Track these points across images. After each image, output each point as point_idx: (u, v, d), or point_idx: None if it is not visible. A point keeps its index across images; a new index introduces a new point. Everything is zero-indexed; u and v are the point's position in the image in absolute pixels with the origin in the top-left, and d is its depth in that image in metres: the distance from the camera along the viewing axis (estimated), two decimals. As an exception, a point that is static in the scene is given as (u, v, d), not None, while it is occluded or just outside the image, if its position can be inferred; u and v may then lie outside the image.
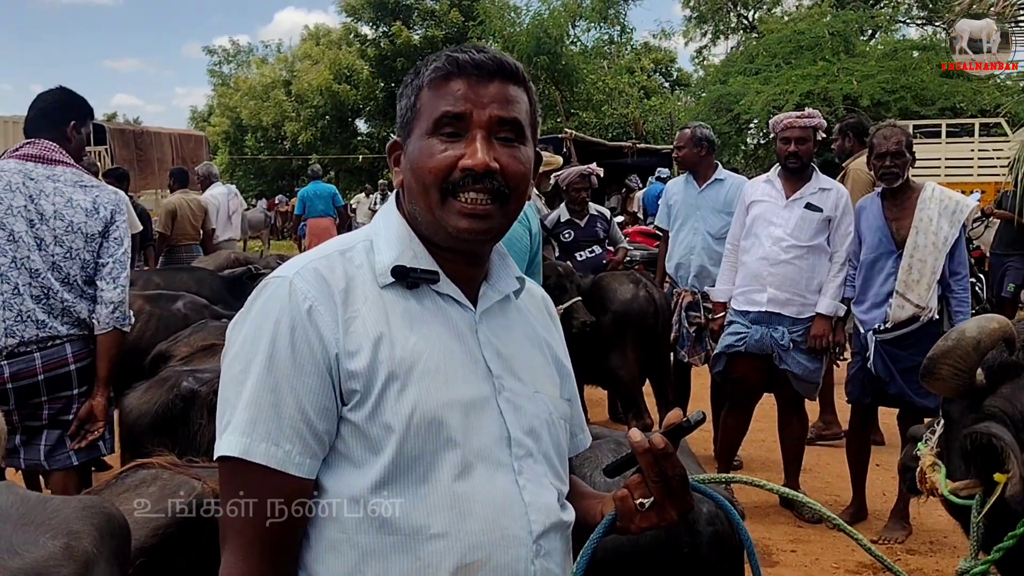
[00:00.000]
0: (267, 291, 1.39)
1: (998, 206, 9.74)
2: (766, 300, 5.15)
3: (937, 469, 2.19)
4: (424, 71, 1.45)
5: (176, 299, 5.57)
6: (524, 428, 1.44)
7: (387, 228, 1.48)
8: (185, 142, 20.08)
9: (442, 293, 1.45)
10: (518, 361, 1.50)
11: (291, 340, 1.33)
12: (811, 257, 5.11)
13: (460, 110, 1.39)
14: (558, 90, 24.40)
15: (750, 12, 31.36)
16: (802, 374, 5.18)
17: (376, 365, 1.34)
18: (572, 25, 26.06)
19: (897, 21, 27.80)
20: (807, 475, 5.83)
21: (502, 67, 1.42)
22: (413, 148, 1.43)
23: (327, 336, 1.34)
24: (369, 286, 1.41)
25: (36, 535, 1.73)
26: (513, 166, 1.41)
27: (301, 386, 1.32)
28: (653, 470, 1.42)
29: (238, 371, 1.35)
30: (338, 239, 1.51)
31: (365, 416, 1.34)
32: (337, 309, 1.36)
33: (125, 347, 3.85)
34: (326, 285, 1.37)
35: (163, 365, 4.22)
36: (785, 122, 5.19)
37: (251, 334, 1.36)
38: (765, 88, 20.36)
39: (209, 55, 41.30)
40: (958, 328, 2.03)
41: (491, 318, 1.50)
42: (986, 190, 12.14)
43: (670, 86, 32.78)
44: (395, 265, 1.42)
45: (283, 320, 1.34)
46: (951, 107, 19.15)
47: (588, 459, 2.76)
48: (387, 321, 1.39)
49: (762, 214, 5.23)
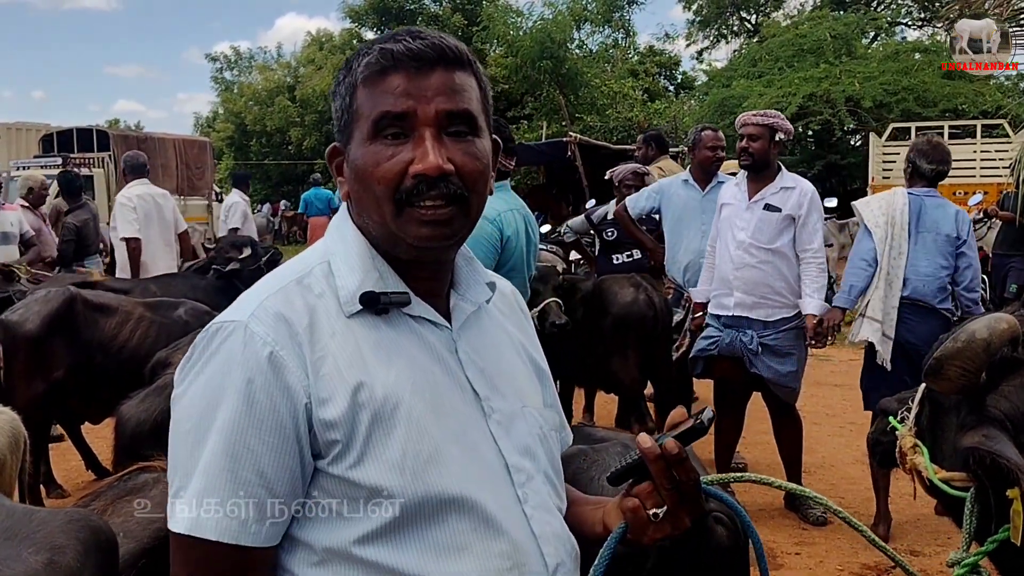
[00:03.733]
0: (218, 338, 1.22)
1: (1000, 207, 9.73)
2: (733, 304, 5.19)
3: (919, 451, 2.17)
4: (356, 67, 1.29)
5: (177, 306, 5.57)
6: (519, 450, 1.34)
7: (345, 247, 1.34)
8: (189, 148, 20.06)
9: (415, 315, 1.32)
10: (501, 376, 1.39)
11: (248, 395, 1.18)
12: (776, 259, 5.11)
13: (402, 108, 1.24)
14: (562, 94, 24.37)
15: (752, 16, 31.41)
16: (773, 378, 5.16)
17: (356, 410, 1.21)
18: (577, 29, 26.06)
19: (897, 23, 27.83)
20: (811, 477, 5.82)
21: (444, 53, 1.27)
22: (356, 155, 1.29)
23: (293, 385, 1.19)
24: (335, 317, 1.27)
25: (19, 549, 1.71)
26: (469, 165, 1.27)
27: (262, 446, 1.18)
28: (665, 477, 1.30)
29: (187, 431, 1.20)
30: (290, 264, 1.36)
31: (350, 466, 1.20)
32: (303, 351, 1.21)
33: None
34: (286, 325, 1.22)
35: (162, 372, 4.21)
36: (741, 119, 5.25)
37: (202, 390, 1.21)
38: (768, 91, 20.34)
39: (211, 62, 41.37)
40: (967, 329, 1.97)
41: (468, 332, 1.38)
42: (988, 191, 12.11)
43: (674, 89, 32.75)
44: (363, 292, 1.28)
45: (237, 372, 1.18)
46: (953, 109, 19.13)
47: (595, 462, 2.75)
48: (361, 357, 1.24)
49: (728, 217, 5.27)
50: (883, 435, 2.51)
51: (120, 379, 4.79)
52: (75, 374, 5.15)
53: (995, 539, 1.94)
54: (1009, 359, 2.00)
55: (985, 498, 1.94)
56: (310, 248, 1.39)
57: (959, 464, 2.00)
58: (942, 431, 2.14)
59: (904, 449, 2.23)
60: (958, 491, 2.03)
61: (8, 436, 3.13)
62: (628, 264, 6.70)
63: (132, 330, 5.24)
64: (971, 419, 1.99)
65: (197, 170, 19.61)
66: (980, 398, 1.99)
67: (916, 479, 2.22)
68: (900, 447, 2.26)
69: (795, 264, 5.12)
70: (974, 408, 2.00)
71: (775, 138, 5.12)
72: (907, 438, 2.23)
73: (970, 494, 2.00)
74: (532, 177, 22.27)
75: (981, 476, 1.91)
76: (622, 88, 25.52)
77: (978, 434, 1.92)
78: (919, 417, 2.25)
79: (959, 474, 2.03)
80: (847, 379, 9.01)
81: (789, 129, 5.20)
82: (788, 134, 5.18)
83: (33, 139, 18.94)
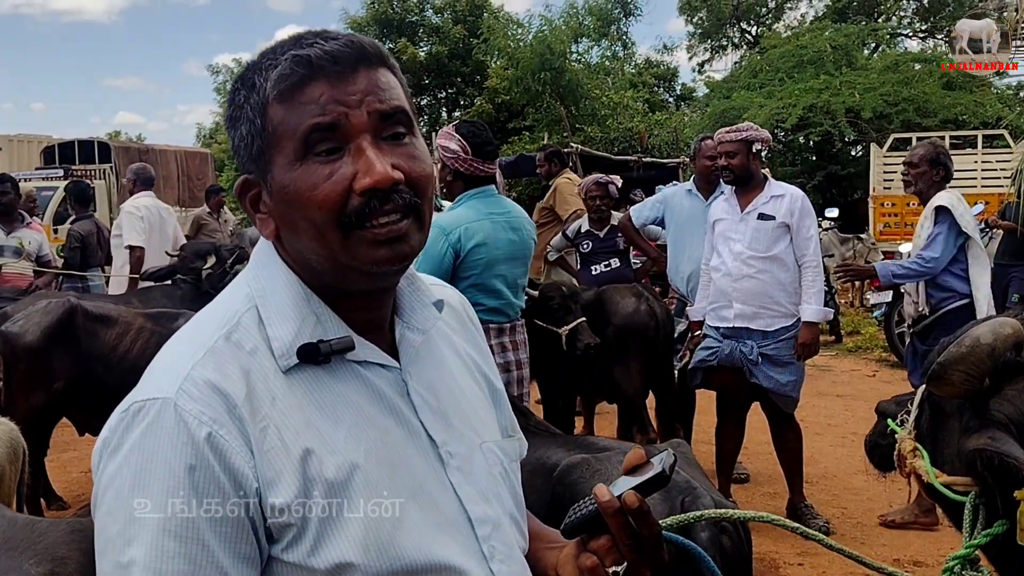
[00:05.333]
0: (143, 421, 1.03)
1: (1002, 217, 9.71)
2: (733, 316, 5.19)
3: (919, 455, 2.16)
4: (262, 82, 1.12)
5: (177, 317, 5.56)
6: (481, 495, 1.22)
7: (274, 290, 1.17)
8: (191, 159, 20.12)
9: (359, 360, 1.17)
10: (457, 411, 1.26)
11: (192, 485, 1.00)
12: (774, 267, 5.13)
13: (331, 119, 1.09)
14: (563, 105, 24.41)
15: (752, 27, 31.51)
16: (773, 388, 5.16)
17: (308, 487, 1.05)
18: (575, 42, 26.12)
19: (899, 34, 27.91)
20: (813, 488, 5.79)
21: (363, 51, 1.13)
22: (284, 182, 1.11)
23: (239, 468, 1.03)
24: (272, 377, 1.10)
25: (20, 561, 1.68)
26: (416, 169, 1.14)
27: (217, 541, 1.01)
28: (625, 532, 1.16)
29: (118, 535, 1.01)
30: (212, 312, 1.18)
31: (308, 553, 1.05)
32: (245, 426, 1.04)
33: None
34: (223, 398, 1.05)
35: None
36: (717, 137, 5.32)
37: (131, 483, 1.01)
38: (768, 102, 20.42)
39: (214, 74, 41.50)
40: (971, 334, 1.96)
41: (418, 366, 1.23)
42: (990, 201, 12.10)
43: (674, 100, 32.83)
44: (300, 345, 1.12)
45: (175, 460, 1.01)
46: (953, 119, 19.19)
47: (598, 472, 2.75)
48: (306, 421, 1.09)
49: (722, 231, 5.29)
50: (881, 438, 2.50)
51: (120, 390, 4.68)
52: (75, 385, 5.14)
53: (989, 532, 1.93)
54: (1012, 363, 1.99)
55: (990, 501, 1.93)
56: (231, 289, 1.22)
57: (963, 467, 1.99)
58: (943, 435, 2.13)
59: (904, 452, 2.23)
60: (959, 495, 2.02)
61: (7, 447, 3.12)
62: (608, 273, 6.75)
63: (132, 341, 5.23)
64: (975, 422, 1.97)
65: (199, 181, 19.64)
66: (983, 402, 1.98)
67: (915, 483, 2.21)
68: (899, 450, 2.25)
69: (792, 271, 5.15)
70: (977, 412, 1.98)
71: (752, 150, 5.17)
72: (907, 441, 2.23)
73: (971, 497, 1.99)
74: (535, 187, 22.30)
75: (987, 478, 1.90)
76: (622, 99, 25.59)
77: (984, 436, 1.91)
78: (918, 420, 2.24)
79: (961, 478, 2.02)
80: (848, 389, 9.02)
81: (766, 138, 5.26)
82: (765, 143, 5.24)
83: (35, 151, 18.99)
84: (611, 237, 6.88)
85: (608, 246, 6.88)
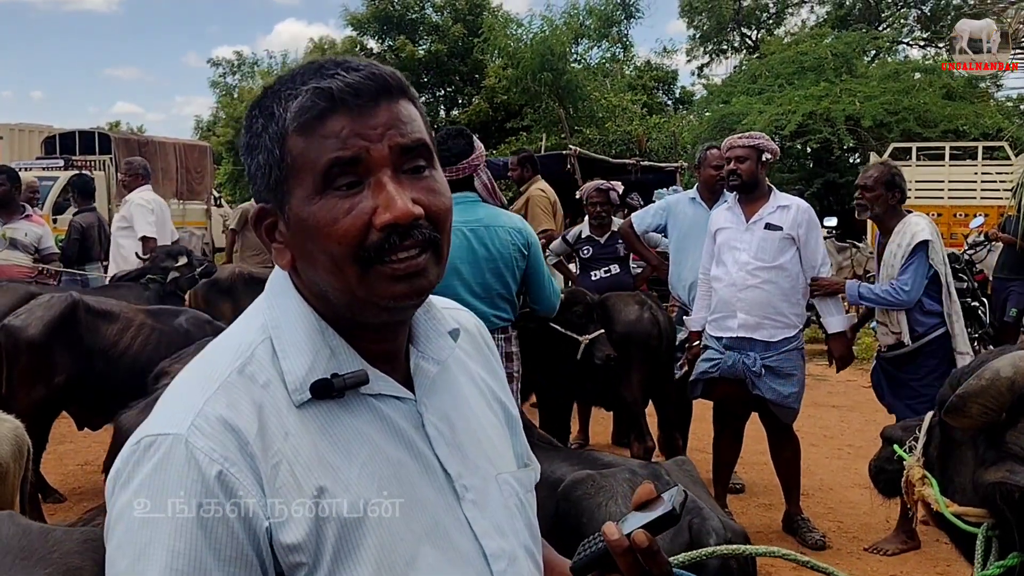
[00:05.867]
0: (154, 458, 1.03)
1: (1002, 230, 9.74)
2: (737, 326, 5.16)
3: (928, 483, 2.15)
4: (281, 112, 1.11)
5: (178, 314, 5.57)
6: (497, 529, 1.20)
7: (288, 323, 1.16)
8: (190, 152, 20.05)
9: (373, 394, 1.15)
10: (471, 442, 1.24)
11: (201, 523, 1.00)
12: (779, 278, 5.12)
13: (352, 153, 1.08)
14: (562, 106, 24.41)
15: (753, 32, 31.56)
16: (775, 399, 5.15)
17: (320, 526, 1.04)
18: (575, 43, 26.13)
19: (900, 42, 27.95)
20: (809, 500, 5.80)
21: (385, 84, 1.12)
22: (303, 215, 1.10)
23: (250, 507, 1.02)
24: (285, 412, 1.09)
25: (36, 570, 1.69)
26: (436, 203, 1.13)
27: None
28: (635, 571, 1.15)
29: (125, 569, 1.01)
30: (227, 343, 1.17)
31: None
32: (256, 463, 1.04)
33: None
34: (234, 435, 1.04)
35: (164, 382, 4.20)
36: (727, 143, 5.29)
37: (141, 520, 1.01)
38: (768, 108, 20.44)
39: (213, 67, 41.42)
40: (991, 367, 1.94)
41: (433, 398, 1.22)
42: (989, 213, 12.14)
43: (672, 104, 32.85)
44: (314, 381, 1.11)
45: (184, 497, 1.00)
46: (954, 130, 19.22)
47: (603, 488, 2.75)
48: (319, 458, 1.08)
49: (726, 241, 5.25)
50: (887, 463, 2.49)
51: (120, 386, 4.79)
52: (75, 380, 5.15)
53: (1002, 564, 1.93)
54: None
55: (1005, 533, 1.94)
56: (245, 318, 1.21)
57: (978, 498, 1.99)
58: (955, 464, 2.12)
59: (912, 480, 2.22)
60: (970, 525, 2.02)
61: (12, 444, 3.12)
62: (607, 279, 6.75)
63: (133, 337, 5.24)
64: (991, 454, 1.97)
65: (197, 174, 19.62)
66: (999, 434, 1.97)
67: (921, 510, 2.21)
68: (907, 477, 2.24)
69: (796, 281, 5.15)
70: (993, 444, 1.97)
71: (762, 159, 5.17)
72: (915, 469, 2.22)
73: (983, 529, 1.99)
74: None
75: (1005, 512, 1.90)
76: (621, 101, 25.59)
77: (1002, 469, 1.91)
78: (926, 448, 2.24)
79: (974, 509, 2.01)
80: (845, 400, 9.04)
81: (775, 149, 5.26)
82: (774, 154, 5.24)
83: (36, 140, 18.93)
84: (611, 243, 6.88)
85: (608, 252, 6.88)
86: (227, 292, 7.69)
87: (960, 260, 7.96)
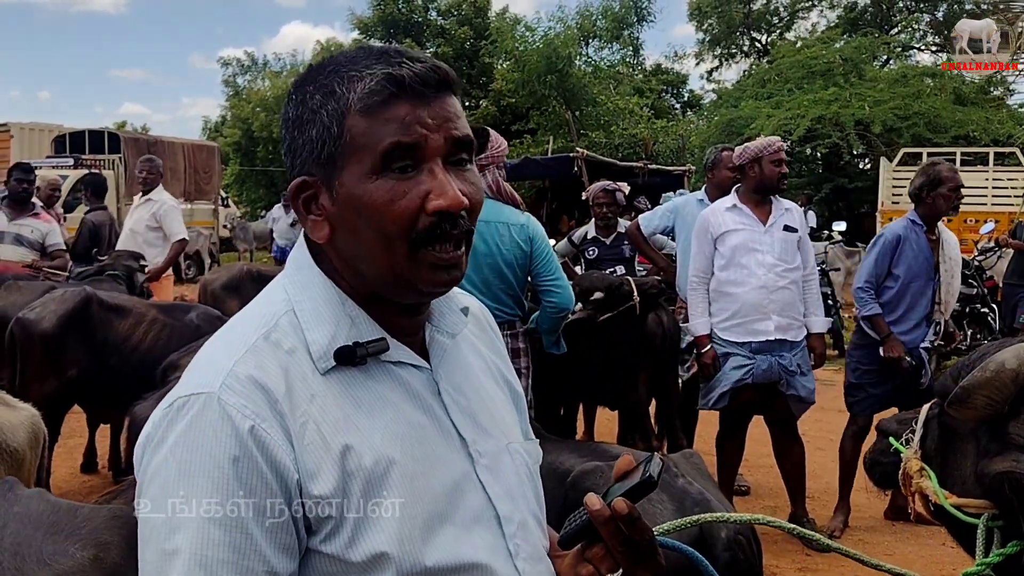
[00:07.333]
0: (188, 414, 1.07)
1: (1012, 236, 9.73)
2: (773, 328, 5.09)
3: (926, 475, 2.16)
4: (346, 91, 1.15)
5: (189, 310, 5.62)
6: (508, 495, 1.25)
7: (310, 295, 1.20)
8: (198, 152, 20.16)
9: (393, 361, 1.20)
10: (484, 412, 1.29)
11: (237, 476, 1.04)
12: (798, 278, 5.20)
13: (413, 139, 1.13)
14: (568, 109, 24.43)
15: (763, 36, 31.51)
16: (806, 396, 5.20)
17: (348, 482, 1.09)
18: (585, 44, 26.13)
19: (911, 47, 27.87)
20: (814, 503, 5.79)
21: (447, 78, 1.17)
22: (356, 192, 1.14)
23: (281, 460, 1.06)
24: (310, 377, 1.13)
25: (66, 545, 1.73)
26: (475, 196, 1.19)
27: (261, 532, 1.05)
28: (618, 539, 1.20)
29: (163, 523, 1.04)
30: (250, 314, 1.21)
31: (345, 544, 1.09)
32: (286, 421, 1.08)
33: None
34: (264, 393, 1.08)
35: (173, 375, 4.24)
36: (776, 144, 5.25)
37: (177, 474, 1.05)
38: (776, 112, 20.39)
39: (224, 66, 41.59)
40: (996, 359, 1.95)
41: (447, 368, 1.27)
42: (1000, 220, 12.12)
43: (681, 108, 32.84)
44: (337, 348, 1.15)
45: (219, 451, 1.04)
46: (964, 135, 19.13)
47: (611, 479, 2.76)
48: (344, 418, 1.12)
49: (743, 243, 5.15)
50: (883, 456, 2.47)
51: (131, 380, 4.82)
52: (88, 374, 5.19)
53: (1003, 552, 1.94)
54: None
55: (1007, 523, 1.95)
56: (267, 293, 1.25)
57: (982, 489, 2.00)
58: (955, 456, 2.12)
59: (910, 472, 2.22)
60: (970, 516, 2.03)
61: (28, 432, 3.15)
62: None
63: (145, 332, 5.28)
64: (995, 446, 1.97)
65: (205, 175, 19.72)
66: (1002, 425, 1.97)
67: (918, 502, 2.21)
68: (905, 470, 2.24)
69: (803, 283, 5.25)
70: (996, 435, 1.98)
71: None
72: (913, 461, 2.21)
73: (984, 519, 2.00)
74: (538, 191, 22.34)
75: (1013, 501, 1.91)
76: (628, 105, 25.58)
77: (1008, 459, 1.92)
78: (924, 440, 2.24)
79: (974, 500, 2.02)
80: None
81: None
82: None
83: (46, 139, 19.06)
84: (617, 244, 6.89)
85: (614, 253, 6.88)
86: (235, 289, 7.76)
87: (970, 266, 7.97)
